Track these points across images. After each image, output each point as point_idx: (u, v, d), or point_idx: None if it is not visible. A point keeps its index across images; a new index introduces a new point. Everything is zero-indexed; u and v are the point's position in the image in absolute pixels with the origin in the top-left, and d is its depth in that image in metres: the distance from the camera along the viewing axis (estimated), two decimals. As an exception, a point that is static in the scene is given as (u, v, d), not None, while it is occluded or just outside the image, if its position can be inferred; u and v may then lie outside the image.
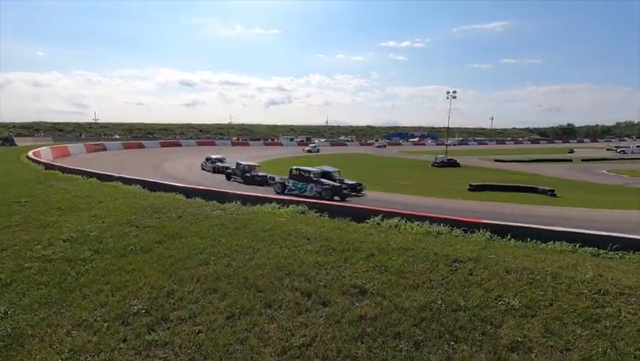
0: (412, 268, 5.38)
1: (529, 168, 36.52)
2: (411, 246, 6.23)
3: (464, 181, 23.25)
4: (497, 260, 5.50)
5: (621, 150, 55.72)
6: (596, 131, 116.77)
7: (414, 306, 4.41)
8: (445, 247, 6.15)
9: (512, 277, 4.99)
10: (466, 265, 5.40)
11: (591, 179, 28.76)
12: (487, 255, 5.75)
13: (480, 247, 6.29)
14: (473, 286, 4.86)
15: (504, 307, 4.32)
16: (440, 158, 37.13)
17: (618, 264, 5.60)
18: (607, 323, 3.93)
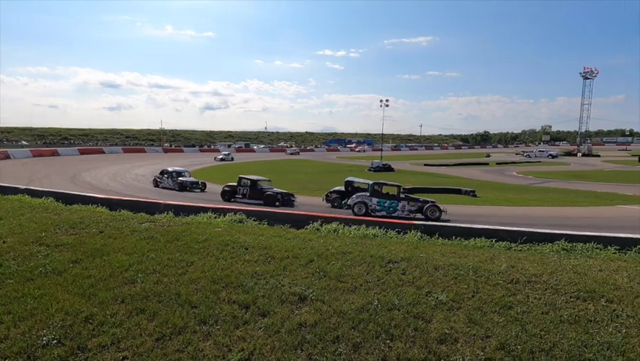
0: (350, 272, 5.51)
1: (453, 171, 39.94)
2: (349, 250, 6.39)
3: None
4: (427, 258, 5.88)
5: (527, 155, 63.64)
6: (507, 137, 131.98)
7: (352, 309, 4.51)
8: (381, 249, 6.41)
9: (440, 274, 5.37)
10: (400, 265, 5.69)
11: (504, 180, 32.39)
12: (418, 254, 6.12)
13: (412, 247, 6.68)
14: (406, 284, 5.12)
15: (433, 302, 4.61)
16: (376, 163, 38.93)
17: (526, 255, 6.34)
18: (518, 308, 4.40)
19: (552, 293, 4.72)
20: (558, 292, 4.75)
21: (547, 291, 4.78)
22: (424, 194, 21.56)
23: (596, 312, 4.26)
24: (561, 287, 4.86)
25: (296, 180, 29.09)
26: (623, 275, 5.20)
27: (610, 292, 4.66)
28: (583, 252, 6.59)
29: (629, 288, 4.78)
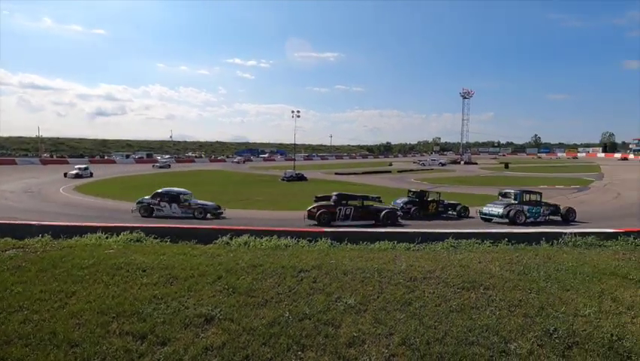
0: (260, 285, 5.35)
1: (361, 179, 42.54)
2: (260, 262, 6.22)
3: (311, 194, 25.08)
4: (337, 264, 6.07)
5: (422, 163, 71.27)
6: (406, 148, 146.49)
7: (262, 324, 4.36)
8: (293, 259, 6.40)
9: (349, 278, 5.57)
10: (311, 274, 5.74)
11: (405, 186, 35.69)
12: (328, 261, 6.28)
13: (323, 255, 6.83)
14: (317, 292, 5.17)
15: (343, 307, 4.75)
16: (289, 173, 39.20)
17: (422, 254, 7.02)
18: (416, 304, 4.81)
19: (443, 286, 5.29)
20: (448, 284, 5.34)
21: (440, 285, 5.33)
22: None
23: (477, 299, 4.90)
24: (450, 280, 5.48)
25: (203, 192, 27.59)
26: (496, 265, 6.12)
27: (486, 281, 5.42)
28: (466, 247, 7.57)
29: (500, 275, 5.64)
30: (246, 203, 21.57)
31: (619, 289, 5.07)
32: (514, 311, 4.52)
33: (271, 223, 13.53)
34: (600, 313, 4.40)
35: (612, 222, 14.27)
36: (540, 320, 4.29)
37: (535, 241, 7.90)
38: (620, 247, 7.47)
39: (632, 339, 3.84)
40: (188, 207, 15.23)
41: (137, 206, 15.01)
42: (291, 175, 38.73)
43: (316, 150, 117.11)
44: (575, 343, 3.83)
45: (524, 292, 5.03)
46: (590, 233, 8.05)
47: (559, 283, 5.32)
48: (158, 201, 15.08)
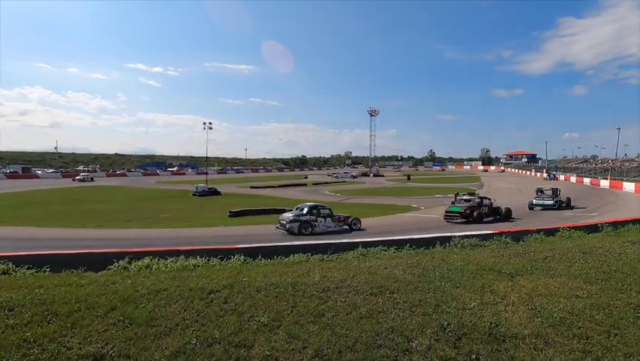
0: (164, 312, 4.86)
1: (278, 192, 42.46)
2: (164, 286, 5.67)
3: (225, 208, 24.14)
4: (250, 282, 5.86)
5: (335, 176, 74.44)
6: (320, 161, 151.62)
7: (165, 355, 3.94)
8: (202, 280, 5.99)
9: (262, 295, 5.42)
10: (222, 294, 5.43)
11: (320, 198, 36.74)
12: (240, 279, 6.03)
13: (235, 272, 6.54)
14: (228, 313, 4.91)
15: (255, 326, 4.58)
16: (201, 187, 37.15)
17: (335, 264, 7.23)
18: (329, 314, 4.90)
19: (354, 294, 5.50)
20: (358, 292, 5.58)
21: (350, 293, 5.54)
22: (254, 216, 21.95)
23: (384, 303, 5.21)
24: (360, 287, 5.73)
25: (100, 210, 24.38)
26: (400, 269, 6.62)
27: (392, 285, 5.82)
28: (375, 254, 8.06)
29: (403, 278, 6.11)
30: (151, 221, 19.70)
31: (495, 282, 5.93)
32: (415, 311, 4.92)
33: (179, 242, 12.56)
34: (482, 305, 5.06)
35: (489, 224, 16.80)
36: (436, 316, 4.75)
37: (432, 244, 8.82)
38: (495, 246, 8.79)
39: (505, 325, 4.49)
40: (339, 220, 16.43)
41: (293, 224, 15.12)
42: (204, 190, 36.76)
43: (230, 164, 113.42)
44: (463, 334, 4.31)
45: (423, 292, 5.53)
46: (472, 235, 9.31)
47: (451, 281, 5.99)
48: (315, 217, 15.75)
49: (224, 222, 19.65)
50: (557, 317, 4.59)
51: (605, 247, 8.01)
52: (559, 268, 6.54)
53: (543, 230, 10.16)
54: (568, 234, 9.95)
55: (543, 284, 5.76)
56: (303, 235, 14.89)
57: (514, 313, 4.76)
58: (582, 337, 4.14)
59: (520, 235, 9.72)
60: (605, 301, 5.01)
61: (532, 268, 6.58)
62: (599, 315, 4.61)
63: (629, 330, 4.24)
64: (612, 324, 4.38)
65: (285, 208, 24.12)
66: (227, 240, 13.48)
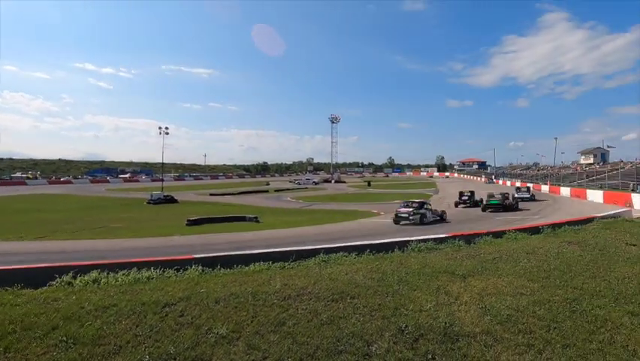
0: (113, 330, 4.55)
1: (238, 199, 41.58)
2: (114, 302, 5.31)
3: (182, 217, 23.20)
4: (208, 293, 5.67)
5: (297, 182, 74.44)
6: (282, 168, 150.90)
7: (114, 376, 3.69)
8: (156, 293, 5.69)
9: (221, 306, 5.26)
10: (178, 307, 5.20)
11: (281, 205, 36.48)
12: (198, 290, 5.81)
13: (192, 284, 6.28)
14: (184, 327, 4.71)
15: (214, 339, 4.43)
16: (156, 195, 35.42)
17: (296, 271, 7.19)
18: (290, 322, 4.86)
19: (315, 301, 5.51)
20: (319, 298, 5.59)
21: (312, 300, 5.54)
22: (213, 224, 21.27)
23: (345, 309, 5.27)
24: (321, 294, 5.75)
25: (42, 220, 22.40)
26: (360, 274, 6.73)
27: (353, 290, 5.90)
28: (336, 260, 8.12)
29: (364, 283, 6.22)
30: (100, 232, 18.42)
31: (449, 283, 6.22)
32: (375, 315, 5.03)
33: (131, 254, 11.86)
34: (437, 306, 5.28)
35: (445, 227, 17.62)
36: (395, 319, 4.88)
37: (391, 249, 9.06)
38: (449, 249, 9.22)
39: (459, 324, 4.72)
40: (435, 213, 19.71)
41: (416, 216, 18.45)
42: (159, 197, 35.08)
43: (189, 170, 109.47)
44: (420, 335, 4.47)
45: (382, 296, 5.66)
46: (428, 239, 9.71)
47: (408, 284, 6.19)
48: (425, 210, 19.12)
49: (181, 231, 18.85)
50: (504, 314, 4.90)
51: (545, 248, 8.70)
52: (506, 268, 7.00)
53: (492, 233, 10.83)
54: (513, 236, 10.69)
55: (492, 284, 6.12)
56: (424, 224, 18.51)
57: (466, 313, 5.01)
58: (526, 332, 4.46)
59: (472, 237, 10.28)
60: (546, 298, 5.43)
61: (482, 269, 6.98)
62: (540, 311, 4.99)
63: (565, 323, 4.62)
64: (552, 318, 4.76)
65: (245, 216, 23.64)
66: (185, 250, 12.96)
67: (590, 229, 11.40)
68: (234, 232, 18.23)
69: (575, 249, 8.52)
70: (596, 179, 45.93)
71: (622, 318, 4.72)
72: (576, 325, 4.59)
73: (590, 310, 4.98)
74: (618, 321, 4.65)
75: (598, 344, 4.15)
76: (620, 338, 4.25)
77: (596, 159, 78.13)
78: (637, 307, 5.05)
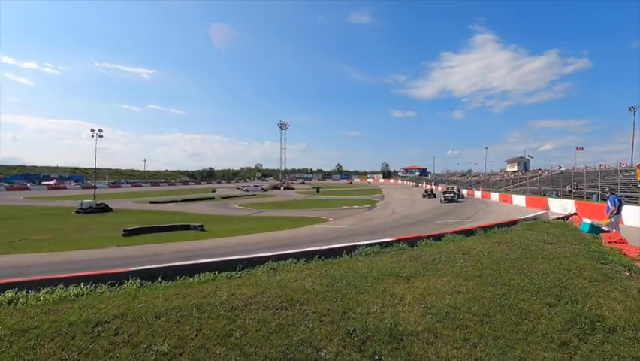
0: (33, 356, 4.04)
1: (182, 207, 39.57)
2: (34, 324, 4.73)
3: (118, 227, 21.52)
4: (147, 308, 5.29)
5: (245, 189, 72.89)
6: (229, 174, 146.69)
7: (34, 408, 3.27)
8: (86, 311, 5.18)
9: (162, 321, 4.94)
10: (112, 325, 4.78)
11: (228, 212, 35.39)
12: (136, 305, 5.40)
13: (130, 299, 5.83)
14: (120, 346, 4.33)
15: (154, 356, 4.13)
16: (87, 203, 32.46)
17: (244, 280, 7.00)
18: (238, 333, 4.70)
19: (264, 310, 5.40)
20: (268, 307, 5.49)
21: (260, 309, 5.42)
22: (153, 234, 19.94)
23: (294, 316, 5.23)
24: (270, 302, 5.66)
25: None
26: (309, 280, 6.75)
27: (302, 297, 5.89)
28: (285, 267, 8.06)
29: (313, 289, 6.24)
30: (18, 245, 16.38)
31: (394, 285, 6.48)
32: (324, 320, 5.06)
33: (57, 269, 10.73)
34: (383, 308, 5.47)
35: (391, 232, 18.38)
36: (343, 323, 4.95)
37: (339, 254, 9.22)
38: (394, 252, 9.63)
39: (403, 323, 4.92)
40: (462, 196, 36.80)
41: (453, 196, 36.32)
42: (90, 206, 32.22)
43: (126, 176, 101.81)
44: (367, 337, 4.59)
45: (331, 301, 5.72)
46: (375, 243, 10.05)
47: (356, 288, 6.33)
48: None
49: (117, 242, 17.43)
50: (444, 312, 5.22)
51: (478, 248, 9.45)
52: (445, 269, 7.47)
53: (432, 236, 11.51)
54: (451, 238, 11.47)
55: (433, 284, 6.50)
56: (457, 201, 33.23)
57: (410, 313, 5.25)
58: (463, 327, 4.78)
59: (415, 240, 10.84)
60: (479, 294, 5.88)
61: (424, 270, 7.38)
62: (474, 307, 5.39)
63: (496, 317, 5.05)
64: (484, 313, 5.16)
65: (189, 224, 22.54)
66: (121, 263, 12.01)
67: (515, 230, 12.62)
68: (177, 242, 17.34)
69: (504, 249, 9.37)
70: (520, 185, 51.15)
71: (542, 309, 5.27)
72: (505, 318, 5.03)
73: (516, 303, 5.49)
74: (539, 312, 5.18)
75: (523, 334, 4.59)
76: (541, 327, 4.74)
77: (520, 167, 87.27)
78: (554, 299, 5.67)
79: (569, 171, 48.74)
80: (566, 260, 7.97)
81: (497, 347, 4.30)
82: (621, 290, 6.12)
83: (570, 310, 5.23)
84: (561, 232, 11.92)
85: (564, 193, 35.32)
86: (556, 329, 4.68)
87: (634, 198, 26.29)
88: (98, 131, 48.58)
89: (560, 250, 9.05)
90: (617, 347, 4.28)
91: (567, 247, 9.43)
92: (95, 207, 32.04)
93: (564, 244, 9.82)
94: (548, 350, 4.23)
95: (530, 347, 4.28)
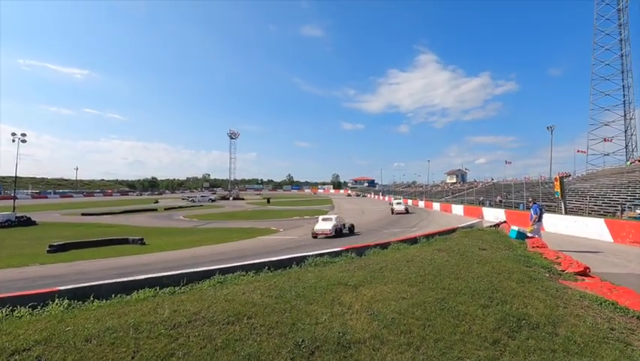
0: None
1: (120, 219, 36.69)
2: None
3: (43, 242, 19.35)
4: (76, 331, 4.79)
5: (191, 200, 69.73)
6: (174, 184, 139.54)
7: None
8: (0, 338, 4.55)
9: (93, 345, 4.50)
10: (33, 352, 4.25)
11: (172, 224, 33.52)
12: (63, 329, 4.86)
13: (55, 322, 5.23)
14: (41, 376, 3.86)
15: (82, 385, 3.74)
16: (5, 216, 28.81)
17: (188, 296, 6.64)
18: (180, 353, 4.43)
19: (209, 326, 5.16)
20: (214, 322, 5.26)
21: (205, 325, 5.18)
22: (83, 249, 18.21)
23: (241, 330, 5.07)
24: (216, 318, 5.43)
25: None
26: (257, 293, 6.60)
27: (250, 310, 5.73)
28: (232, 280, 7.81)
29: (261, 302, 6.11)
30: None
31: (343, 294, 6.58)
32: (272, 333, 4.97)
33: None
34: (332, 317, 5.52)
35: (341, 241, 18.68)
36: (292, 335, 4.90)
37: (289, 265, 9.16)
38: (343, 261, 9.80)
39: (351, 332, 5.00)
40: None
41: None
42: (8, 219, 28.67)
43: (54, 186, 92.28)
44: (316, 347, 4.59)
45: (280, 313, 5.65)
46: (324, 253, 10.15)
47: (305, 298, 6.32)
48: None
49: (40, 259, 15.64)
50: (389, 318, 5.41)
51: (421, 256, 9.97)
52: (390, 276, 7.76)
53: (379, 245, 11.92)
54: (397, 247, 11.96)
55: (380, 291, 6.71)
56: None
57: (357, 321, 5.36)
58: (406, 332, 4.99)
59: (363, 249, 11.13)
60: (422, 299, 6.19)
61: (372, 278, 7.60)
62: (417, 311, 5.65)
63: (437, 320, 5.34)
64: (426, 317, 5.44)
65: (128, 238, 20.95)
66: (46, 282, 10.83)
67: (454, 238, 13.52)
68: (114, 257, 16.07)
69: (444, 255, 9.98)
70: (458, 195, 55.06)
71: (476, 311, 5.68)
72: (444, 321, 5.34)
73: (454, 306, 5.86)
74: (474, 314, 5.58)
75: (460, 335, 4.90)
76: (476, 328, 5.11)
77: (458, 178, 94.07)
78: (487, 301, 6.15)
79: (499, 183, 53.63)
80: (498, 264, 8.70)
81: (438, 348, 4.54)
82: (542, 290, 6.82)
83: (501, 310, 5.70)
84: (493, 238, 13.02)
85: (496, 203, 38.70)
86: (489, 329, 5.07)
87: (552, 208, 29.62)
88: (21, 135, 43.59)
89: (492, 255, 9.87)
90: (539, 341, 4.75)
91: (498, 253, 10.32)
92: (14, 221, 28.46)
93: (496, 250, 10.73)
94: (482, 348, 4.57)
95: (467, 347, 4.58)
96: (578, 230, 18.54)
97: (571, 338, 4.84)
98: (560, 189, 22.60)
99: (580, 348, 4.62)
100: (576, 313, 5.79)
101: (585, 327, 5.24)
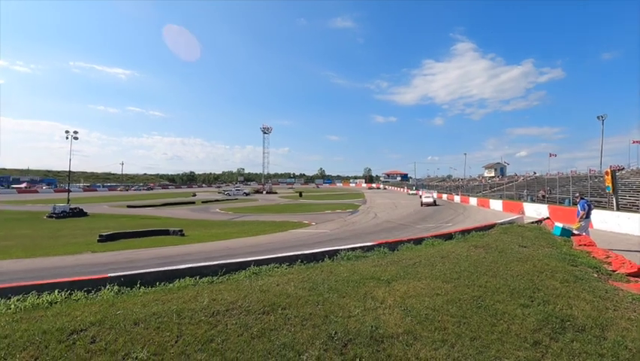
0: (3, 366, 3.89)
1: (161, 211, 38.68)
2: (5, 333, 4.56)
3: (94, 232, 20.88)
4: (125, 315, 5.17)
5: (227, 193, 71.98)
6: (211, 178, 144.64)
7: (4, 421, 3.15)
8: (60, 319, 5.02)
9: (141, 328, 4.84)
10: (88, 333, 4.65)
11: (209, 217, 34.86)
12: (114, 312, 5.27)
13: (107, 306, 5.68)
14: (97, 354, 4.22)
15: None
16: (60, 207, 31.31)
17: (226, 286, 6.94)
18: (219, 339, 4.67)
19: (245, 315, 5.38)
20: (249, 312, 5.47)
21: (242, 314, 5.40)
22: (130, 239, 19.44)
23: (276, 321, 5.24)
24: (252, 307, 5.64)
25: None
26: (291, 285, 6.76)
27: (284, 301, 5.90)
28: (267, 272, 8.04)
29: (295, 294, 6.26)
30: (-16, 252, 15.64)
31: (375, 289, 6.58)
32: (306, 325, 5.08)
33: (29, 276, 10.33)
34: (365, 311, 5.54)
35: (373, 236, 18.59)
36: (325, 327, 4.99)
37: (321, 258, 9.27)
38: (376, 256, 9.76)
39: (384, 326, 5.01)
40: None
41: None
42: (64, 210, 31.12)
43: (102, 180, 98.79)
44: (349, 340, 4.65)
45: (313, 305, 5.76)
46: (357, 247, 10.16)
47: (338, 292, 6.39)
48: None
49: (92, 248, 16.90)
50: (423, 314, 5.35)
51: (457, 252, 9.70)
52: (424, 272, 7.64)
53: (413, 240, 11.73)
54: (431, 242, 11.72)
55: (413, 287, 6.63)
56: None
57: (390, 315, 5.35)
58: (441, 328, 4.91)
59: (396, 245, 11.01)
60: (457, 296, 6.05)
61: (405, 274, 7.52)
62: (452, 308, 5.54)
63: (472, 318, 5.21)
64: (462, 315, 5.32)
65: (169, 229, 22.08)
66: (97, 269, 11.69)
67: (492, 234, 13.01)
68: (156, 247, 16.99)
69: (481, 252, 9.65)
70: (497, 190, 52.65)
71: (515, 310, 5.47)
72: (481, 319, 5.19)
73: (491, 305, 5.68)
74: (513, 313, 5.38)
75: (498, 334, 4.76)
76: (515, 328, 4.93)
77: (497, 172, 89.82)
78: (527, 300, 5.90)
79: (542, 176, 50.66)
80: (539, 263, 8.29)
81: (474, 347, 4.44)
82: (590, 291, 6.43)
83: (542, 310, 5.45)
84: (535, 235, 12.38)
85: (538, 198, 36.66)
86: (529, 329, 4.88)
87: (602, 203, 27.60)
88: (73, 132, 47.00)
89: (533, 253, 9.41)
90: (585, 345, 4.50)
91: (540, 250, 9.82)
92: (68, 212, 30.90)
93: (537, 247, 10.21)
94: (522, 349, 4.41)
95: (505, 347, 4.44)
96: (632, 228, 17.18)
97: (621, 343, 4.55)
98: (612, 183, 20.98)
99: (632, 354, 4.33)
100: (628, 316, 5.41)
101: (638, 332, 4.89)
